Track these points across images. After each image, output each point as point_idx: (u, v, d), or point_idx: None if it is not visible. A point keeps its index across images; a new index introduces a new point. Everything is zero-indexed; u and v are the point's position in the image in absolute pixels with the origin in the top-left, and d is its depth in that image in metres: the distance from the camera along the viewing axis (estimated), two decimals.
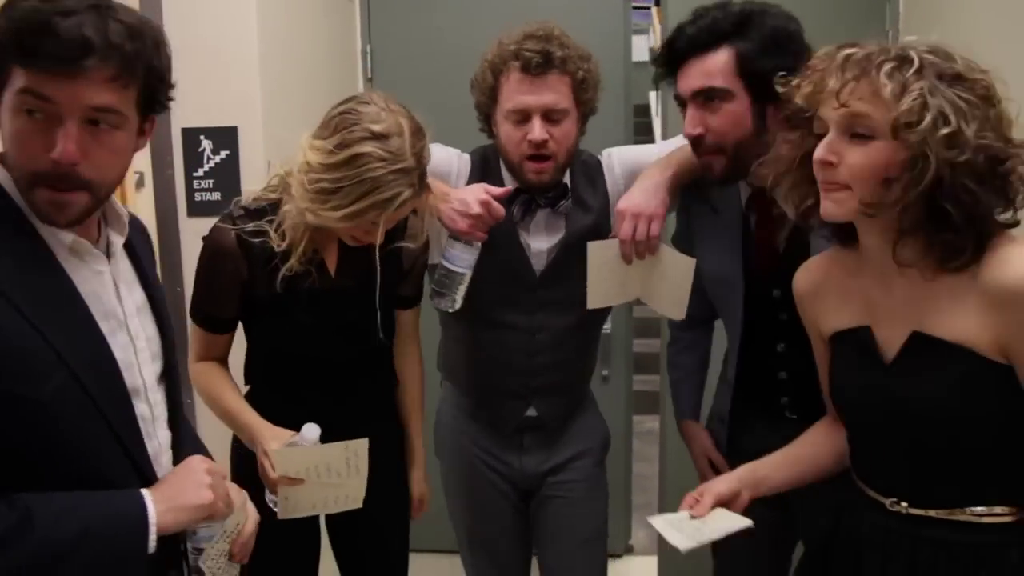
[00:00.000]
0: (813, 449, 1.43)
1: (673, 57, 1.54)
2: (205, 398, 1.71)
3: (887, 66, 1.09)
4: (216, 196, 2.21)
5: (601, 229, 1.76)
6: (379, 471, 1.65)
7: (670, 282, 1.67)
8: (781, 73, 1.28)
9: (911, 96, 1.07)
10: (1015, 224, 1.15)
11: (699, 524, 1.33)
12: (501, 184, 1.76)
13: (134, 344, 1.18)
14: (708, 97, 1.50)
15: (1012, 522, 1.17)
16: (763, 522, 1.60)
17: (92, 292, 1.13)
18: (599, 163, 1.82)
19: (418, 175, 1.49)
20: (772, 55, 1.45)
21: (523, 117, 1.66)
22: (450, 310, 1.68)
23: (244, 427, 1.64)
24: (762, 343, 1.65)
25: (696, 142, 1.54)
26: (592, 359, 1.97)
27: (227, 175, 2.20)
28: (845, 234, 1.26)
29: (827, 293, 1.33)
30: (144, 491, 1.12)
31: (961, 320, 1.13)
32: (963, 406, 1.15)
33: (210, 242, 1.62)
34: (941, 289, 1.15)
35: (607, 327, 2.86)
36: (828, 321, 1.33)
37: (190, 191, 2.24)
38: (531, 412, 1.86)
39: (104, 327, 1.12)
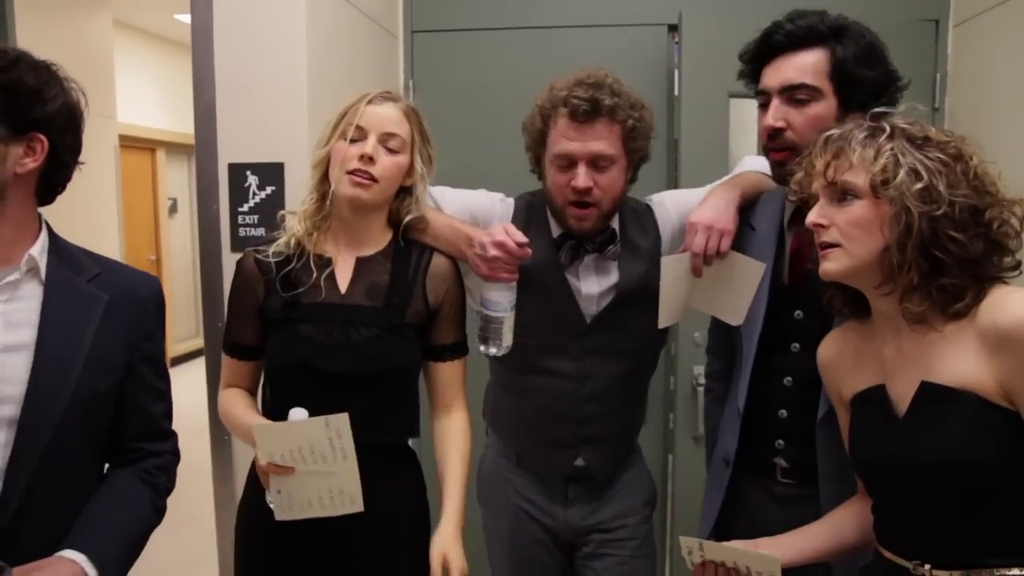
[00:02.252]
0: (837, 525, 1.42)
1: (767, 49, 1.54)
2: (225, 421, 1.67)
3: (860, 135, 1.23)
4: (260, 231, 2.21)
5: (653, 274, 1.72)
6: (392, 534, 1.60)
7: (735, 288, 1.65)
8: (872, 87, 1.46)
9: (884, 156, 1.19)
10: (1017, 266, 1.22)
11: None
12: (547, 230, 1.73)
13: None
14: (797, 93, 1.50)
15: None
16: None
17: None
18: (648, 208, 1.79)
19: (389, 93, 1.60)
20: (865, 65, 1.48)
21: (569, 163, 1.64)
22: (498, 353, 1.64)
23: (243, 428, 1.59)
24: (771, 370, 1.62)
25: (774, 135, 1.51)
26: (642, 409, 1.92)
27: (271, 211, 2.17)
28: (858, 308, 1.34)
29: (846, 360, 1.37)
30: None
31: (963, 365, 1.16)
32: (971, 453, 1.14)
33: (236, 270, 1.67)
34: (945, 337, 1.19)
35: (703, 382, 2.81)
36: (848, 386, 1.36)
37: (234, 226, 2.24)
38: (579, 462, 1.81)
39: None
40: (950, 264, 1.16)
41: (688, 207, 1.73)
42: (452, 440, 1.67)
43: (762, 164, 1.80)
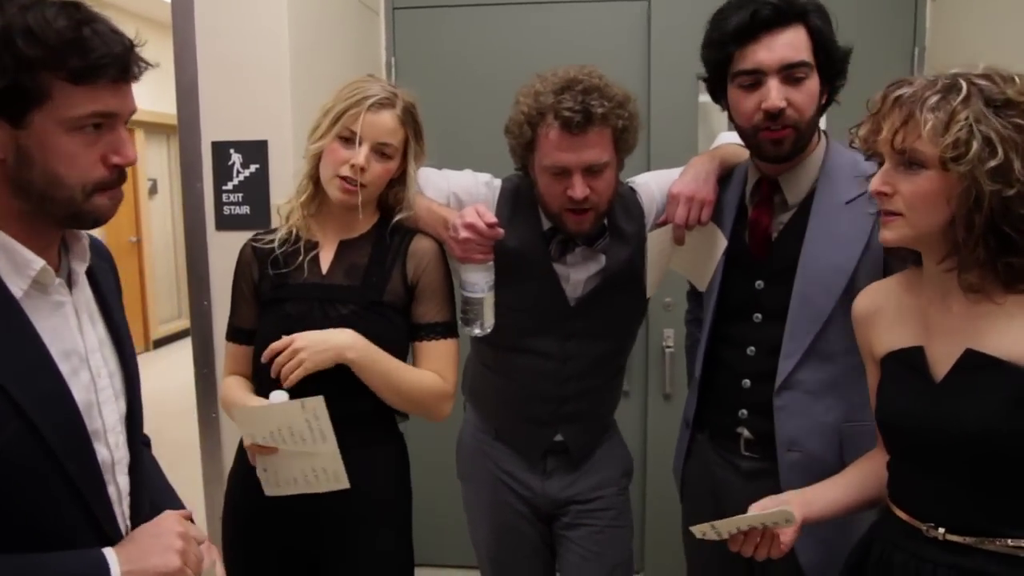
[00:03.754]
0: (862, 478, 1.40)
1: (754, 27, 1.51)
2: (225, 410, 1.70)
3: (932, 99, 1.12)
4: (245, 210, 2.21)
5: (637, 256, 1.75)
6: (372, 509, 1.63)
7: (704, 255, 1.69)
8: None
9: (957, 126, 1.10)
10: None
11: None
12: (537, 221, 1.74)
13: (95, 383, 1.11)
14: (796, 73, 1.50)
15: None
16: (730, 569, 1.69)
17: (52, 329, 1.06)
18: (632, 190, 1.80)
19: (393, 96, 1.60)
20: (832, 37, 1.51)
21: (563, 172, 1.62)
22: (481, 334, 1.66)
23: (231, 405, 1.64)
24: (734, 340, 1.66)
25: (775, 116, 1.51)
26: (619, 387, 1.95)
27: (256, 189, 2.20)
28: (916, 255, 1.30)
29: (884, 314, 1.34)
30: (107, 551, 1.03)
31: (1015, 338, 1.13)
32: (1012, 425, 1.12)
33: (237, 259, 1.73)
34: (1000, 309, 1.16)
35: (671, 346, 2.92)
36: (882, 342, 1.33)
37: (219, 205, 2.24)
38: (558, 438, 1.84)
39: (64, 367, 1.05)
40: (1020, 242, 1.11)
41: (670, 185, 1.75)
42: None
43: (737, 138, 1.82)
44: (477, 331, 1.65)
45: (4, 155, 1.00)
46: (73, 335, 1.10)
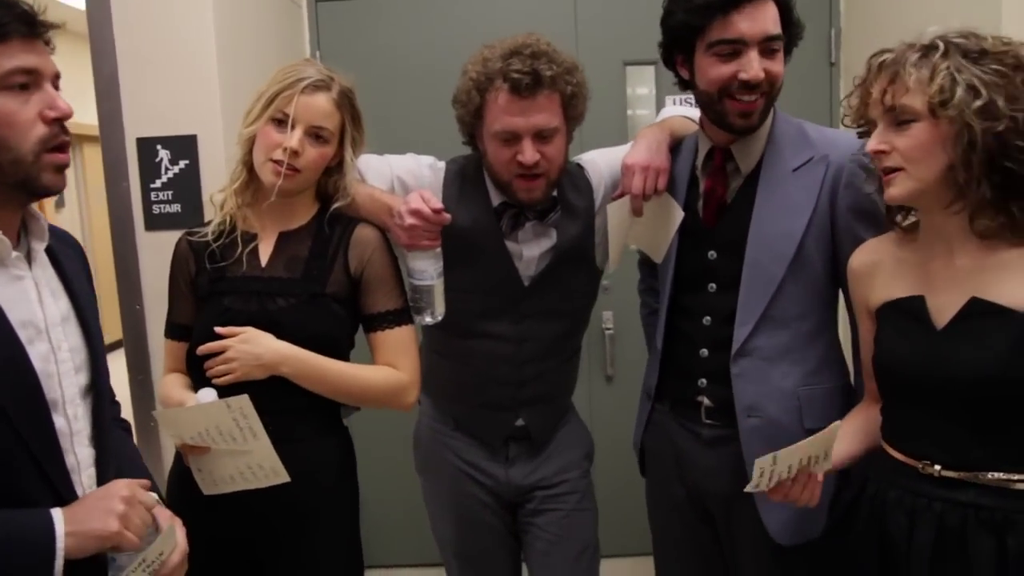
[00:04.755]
0: (865, 427, 1.45)
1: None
2: (161, 403, 1.65)
3: (914, 56, 1.21)
4: (176, 208, 2.14)
5: (587, 232, 1.76)
6: (316, 504, 1.60)
7: (661, 226, 1.70)
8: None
9: (940, 75, 1.18)
10: None
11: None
12: (486, 198, 1.73)
13: (55, 354, 1.15)
14: (773, 45, 1.53)
15: None
16: (695, 538, 1.76)
17: (9, 299, 1.11)
18: (579, 167, 1.81)
19: (329, 79, 1.58)
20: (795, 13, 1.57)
21: (512, 137, 1.61)
22: (433, 322, 1.64)
23: (159, 414, 1.61)
24: (691, 310, 1.69)
25: (753, 87, 1.53)
26: (576, 368, 1.96)
27: (187, 186, 2.12)
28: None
29: (883, 268, 1.40)
30: (55, 511, 1.08)
31: (1020, 288, 1.20)
32: (1013, 369, 1.19)
33: (172, 256, 1.69)
34: (1007, 259, 1.22)
35: (611, 328, 2.98)
36: (878, 294, 1.39)
37: (147, 203, 2.16)
38: (519, 423, 1.84)
39: (22, 335, 1.10)
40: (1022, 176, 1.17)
41: (617, 163, 1.75)
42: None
43: (682, 111, 1.85)
44: (428, 319, 1.63)
45: None
46: (32, 307, 1.15)
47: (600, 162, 1.82)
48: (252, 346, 1.52)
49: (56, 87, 1.13)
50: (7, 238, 1.13)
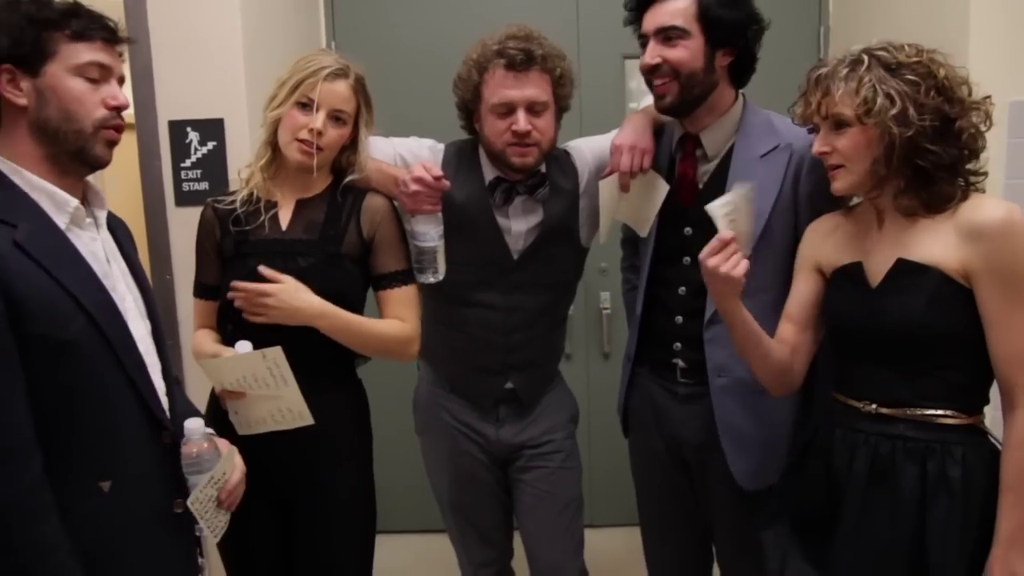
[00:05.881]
0: (767, 339, 1.62)
1: (643, 1, 1.75)
2: (195, 357, 1.82)
3: (843, 72, 1.43)
4: (204, 186, 2.30)
5: (572, 212, 1.92)
6: (333, 447, 1.78)
7: (648, 202, 1.86)
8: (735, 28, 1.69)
9: (864, 88, 1.40)
10: (985, 173, 1.46)
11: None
12: (478, 173, 1.90)
13: (122, 304, 1.35)
14: (669, 34, 1.71)
15: (959, 424, 1.43)
16: (673, 485, 1.94)
17: (90, 254, 1.33)
18: (567, 153, 1.97)
19: (346, 68, 1.74)
20: (726, 8, 1.70)
21: (508, 110, 1.79)
22: (435, 280, 1.80)
23: (201, 356, 1.77)
24: (668, 282, 1.86)
25: (652, 70, 1.74)
26: (562, 337, 2.11)
27: (214, 165, 2.29)
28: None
29: (836, 239, 1.59)
30: None
31: (936, 248, 1.41)
32: (932, 318, 1.40)
33: (199, 221, 1.85)
34: (923, 227, 1.44)
35: (608, 308, 3.14)
36: (831, 259, 1.58)
37: (178, 181, 2.32)
38: (508, 385, 1.98)
39: (104, 284, 1.33)
40: (931, 170, 1.40)
41: (602, 149, 1.94)
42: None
43: None
44: (431, 278, 1.79)
45: (28, 101, 1.29)
46: (103, 264, 1.36)
47: (585, 148, 1.98)
48: (293, 298, 1.68)
49: (120, 86, 1.35)
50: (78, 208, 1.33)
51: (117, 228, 1.46)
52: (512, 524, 2.15)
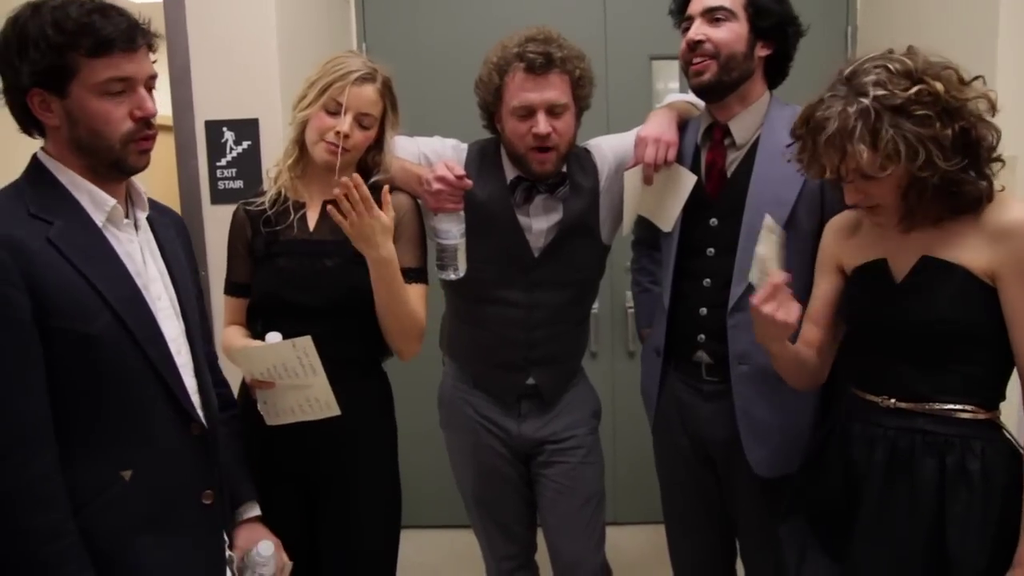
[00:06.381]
0: (805, 354, 1.64)
1: None
2: (226, 354, 1.85)
3: (856, 129, 1.36)
4: (239, 184, 2.37)
5: (592, 210, 1.95)
6: (359, 439, 1.82)
7: (673, 196, 1.88)
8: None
9: (883, 143, 1.36)
10: (998, 160, 1.44)
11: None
12: (500, 173, 1.93)
13: (155, 304, 1.38)
14: (716, 14, 1.75)
15: (978, 419, 1.44)
16: (698, 480, 1.95)
17: (125, 253, 1.35)
18: (587, 151, 1.99)
19: (374, 71, 1.77)
20: (772, 0, 1.75)
21: (528, 112, 1.82)
22: (456, 278, 1.82)
23: (232, 349, 1.80)
24: (692, 273, 1.87)
25: (695, 46, 1.77)
26: (585, 334, 2.13)
27: (249, 164, 2.35)
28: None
29: (857, 234, 1.60)
30: None
31: (963, 249, 1.43)
32: (956, 315, 1.42)
33: (230, 222, 1.90)
34: (949, 228, 1.45)
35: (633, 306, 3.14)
36: (852, 257, 1.59)
37: (213, 180, 2.39)
38: (530, 381, 2.01)
39: (137, 282, 1.35)
40: (960, 193, 1.40)
41: (622, 147, 1.96)
42: None
43: (685, 96, 2.03)
44: (452, 276, 1.82)
45: (59, 122, 1.30)
46: (138, 264, 1.38)
47: (605, 146, 2.00)
48: (378, 232, 1.67)
49: (151, 87, 1.34)
50: (118, 208, 1.37)
51: (159, 224, 1.49)
52: (535, 518, 2.16)
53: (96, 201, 1.33)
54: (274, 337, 1.69)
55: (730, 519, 1.96)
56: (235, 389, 1.87)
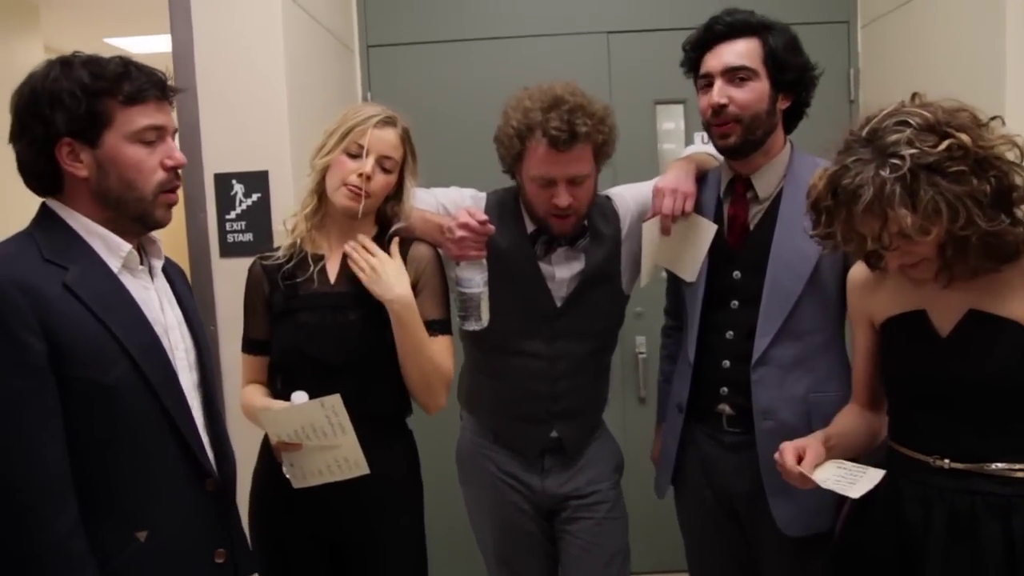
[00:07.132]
0: (853, 424, 1.60)
1: (709, 39, 1.78)
2: (246, 415, 1.82)
3: (897, 192, 1.29)
4: (248, 237, 2.33)
5: (613, 257, 1.93)
6: (386, 497, 1.77)
7: (693, 246, 1.86)
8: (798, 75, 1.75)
9: (924, 204, 1.29)
10: None
11: (847, 475, 1.48)
12: (522, 225, 1.92)
13: (173, 353, 1.37)
14: (739, 75, 1.73)
15: None
16: (724, 535, 1.90)
17: (142, 301, 1.34)
18: (608, 199, 1.98)
19: (394, 117, 1.78)
20: (790, 53, 1.75)
21: (548, 183, 1.80)
22: (479, 328, 1.80)
23: (254, 410, 1.74)
24: (715, 326, 1.85)
25: (719, 111, 1.74)
26: (606, 386, 2.10)
27: (259, 216, 2.32)
28: None
29: (883, 285, 1.54)
30: None
31: (1010, 301, 1.37)
32: (1011, 372, 1.36)
33: (247, 277, 1.86)
34: (994, 278, 1.39)
35: (644, 352, 3.13)
36: (883, 309, 1.54)
37: (223, 233, 2.35)
38: (553, 434, 1.97)
39: (156, 329, 1.33)
40: (999, 245, 1.34)
41: (643, 196, 1.96)
42: None
43: (706, 148, 2.03)
44: (475, 326, 1.79)
45: (88, 173, 1.30)
46: (156, 312, 1.37)
47: (627, 195, 2.00)
48: (393, 277, 1.71)
49: (173, 138, 1.37)
50: (133, 256, 1.36)
51: (176, 278, 1.49)
52: (557, 575, 2.12)
53: (111, 246, 1.32)
54: (301, 397, 1.64)
55: (757, 573, 1.91)
56: (253, 447, 1.83)
